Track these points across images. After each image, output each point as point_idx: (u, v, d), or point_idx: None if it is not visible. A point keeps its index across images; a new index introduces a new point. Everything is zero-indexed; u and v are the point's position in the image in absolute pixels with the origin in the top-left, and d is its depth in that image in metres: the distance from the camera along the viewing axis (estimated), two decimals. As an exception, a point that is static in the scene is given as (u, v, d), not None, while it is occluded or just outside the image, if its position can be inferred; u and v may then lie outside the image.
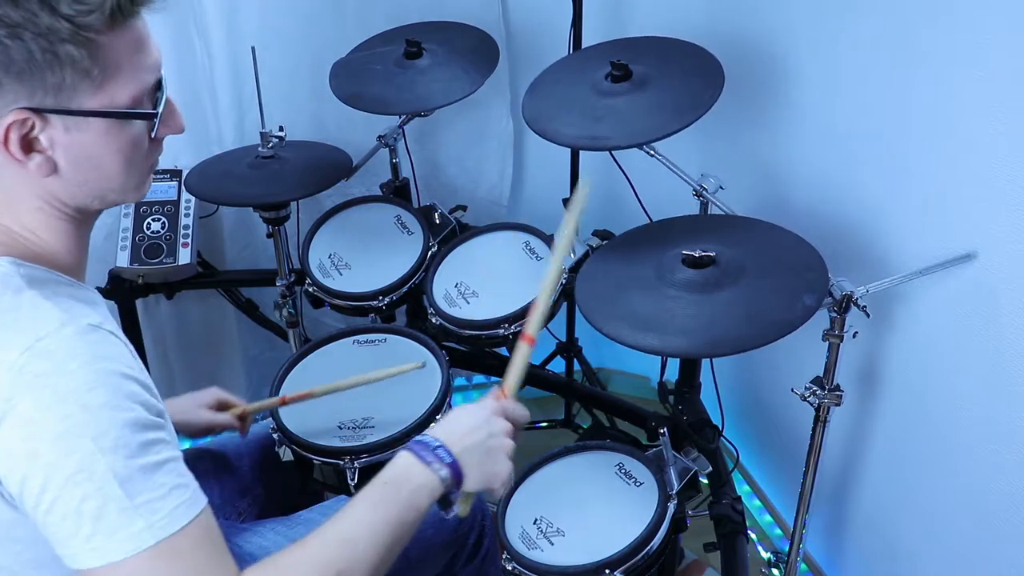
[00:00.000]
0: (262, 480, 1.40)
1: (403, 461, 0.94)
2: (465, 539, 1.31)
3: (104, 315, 0.84)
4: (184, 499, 0.79)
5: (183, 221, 1.98)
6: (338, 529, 0.87)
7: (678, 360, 1.84)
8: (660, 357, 1.80)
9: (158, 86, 0.87)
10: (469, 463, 0.96)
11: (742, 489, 2.05)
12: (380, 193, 1.93)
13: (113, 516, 0.75)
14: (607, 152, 1.88)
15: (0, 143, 0.79)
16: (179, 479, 0.80)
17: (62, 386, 0.74)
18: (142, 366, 0.85)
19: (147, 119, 0.86)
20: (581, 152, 1.98)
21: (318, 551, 0.85)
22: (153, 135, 0.87)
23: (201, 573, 0.79)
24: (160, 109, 0.87)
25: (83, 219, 0.89)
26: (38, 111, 0.79)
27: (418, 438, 0.97)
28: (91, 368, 0.76)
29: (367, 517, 0.89)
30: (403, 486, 0.92)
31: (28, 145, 0.80)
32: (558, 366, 2.20)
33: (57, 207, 0.86)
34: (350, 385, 1.38)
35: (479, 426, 0.99)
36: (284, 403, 1.39)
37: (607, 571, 1.24)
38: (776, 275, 1.24)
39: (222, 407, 1.36)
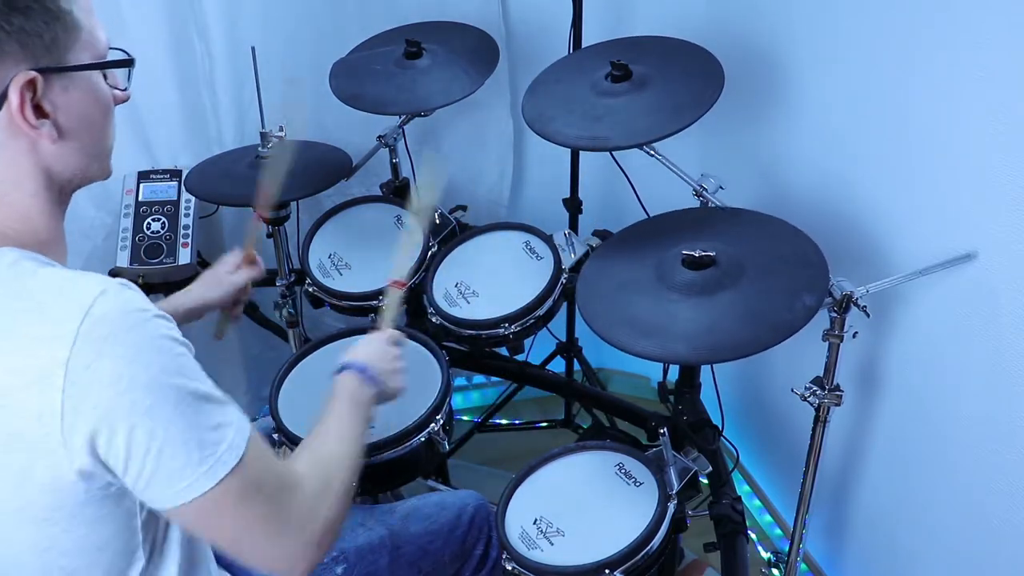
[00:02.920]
0: None
1: (353, 383, 1.14)
2: (472, 551, 1.32)
3: None
4: (246, 424, 0.87)
5: (183, 221, 1.97)
6: (331, 442, 1.05)
7: (678, 360, 1.84)
8: (661, 359, 1.80)
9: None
10: (384, 382, 1.18)
11: (742, 489, 2.06)
12: (380, 193, 1.93)
13: (211, 441, 0.82)
14: (607, 152, 1.88)
15: (17, 110, 0.81)
16: (233, 402, 0.87)
17: (132, 340, 0.78)
18: None
19: (127, 67, 0.92)
20: (581, 152, 1.98)
21: (320, 447, 1.04)
22: (125, 87, 0.93)
23: (279, 473, 0.91)
24: (131, 57, 0.92)
25: (64, 201, 0.91)
26: (42, 71, 0.81)
27: (352, 361, 1.17)
28: (144, 321, 0.80)
29: (349, 431, 1.08)
30: (362, 402, 1.13)
31: (38, 110, 0.83)
32: (558, 366, 2.20)
33: (48, 187, 0.87)
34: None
35: (385, 353, 1.22)
36: (265, 220, 1.52)
37: (607, 571, 1.24)
38: (776, 273, 1.24)
39: (240, 265, 1.46)
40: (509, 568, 1.30)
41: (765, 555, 1.75)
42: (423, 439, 1.40)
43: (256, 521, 0.87)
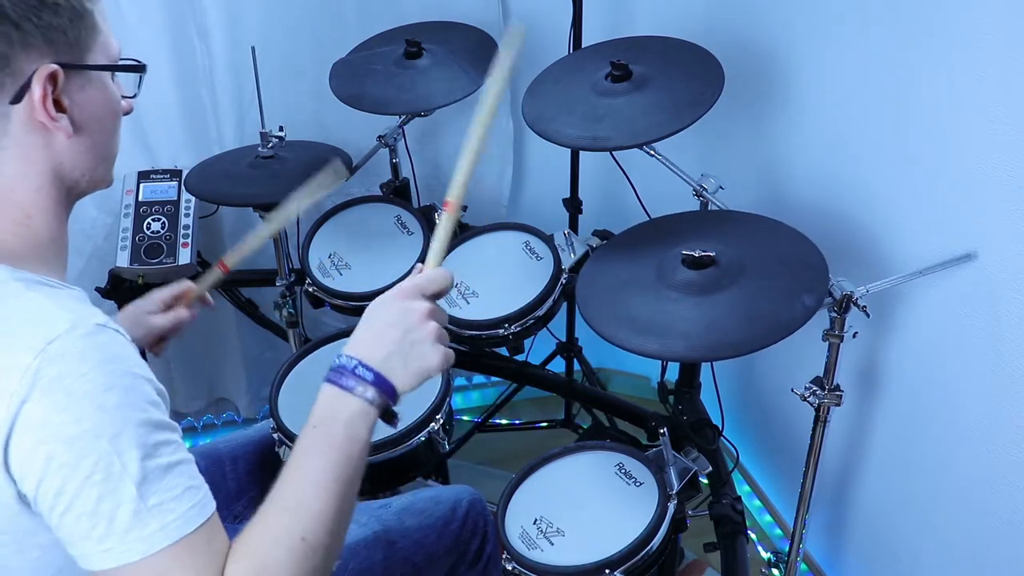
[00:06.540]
0: (259, 482, 1.40)
1: (325, 397, 0.88)
2: (467, 546, 1.32)
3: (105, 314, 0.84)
4: (196, 501, 0.79)
5: (183, 221, 1.97)
6: (286, 494, 0.85)
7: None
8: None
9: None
10: (394, 369, 0.89)
11: (742, 489, 2.06)
12: (380, 193, 1.93)
13: (127, 518, 0.75)
14: (607, 152, 1.88)
15: (40, 102, 0.82)
16: (191, 481, 0.80)
17: (76, 389, 0.74)
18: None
19: (140, 71, 0.93)
20: (581, 152, 1.98)
21: (275, 523, 0.83)
22: (134, 94, 0.93)
23: (206, 574, 0.79)
24: (143, 63, 0.93)
25: (68, 204, 0.91)
26: (63, 66, 0.83)
27: (334, 363, 0.89)
28: (103, 369, 0.76)
29: (309, 471, 0.85)
30: (334, 424, 0.86)
31: (57, 105, 0.84)
32: (558, 366, 2.20)
33: (54, 185, 0.87)
34: (285, 216, 1.33)
35: (394, 322, 0.91)
36: (226, 271, 1.34)
37: (607, 571, 1.24)
38: (776, 274, 1.24)
39: (168, 306, 1.32)
40: (509, 568, 1.30)
41: (765, 555, 1.75)
42: (423, 439, 1.40)
43: None
